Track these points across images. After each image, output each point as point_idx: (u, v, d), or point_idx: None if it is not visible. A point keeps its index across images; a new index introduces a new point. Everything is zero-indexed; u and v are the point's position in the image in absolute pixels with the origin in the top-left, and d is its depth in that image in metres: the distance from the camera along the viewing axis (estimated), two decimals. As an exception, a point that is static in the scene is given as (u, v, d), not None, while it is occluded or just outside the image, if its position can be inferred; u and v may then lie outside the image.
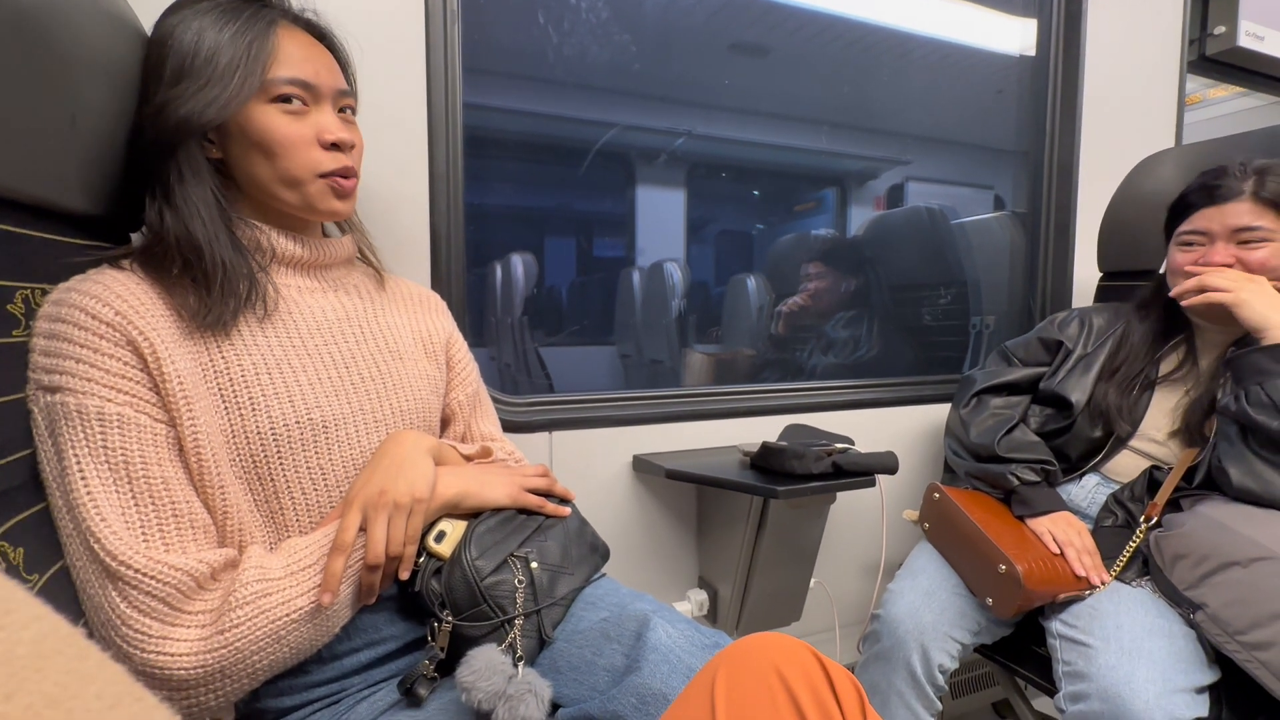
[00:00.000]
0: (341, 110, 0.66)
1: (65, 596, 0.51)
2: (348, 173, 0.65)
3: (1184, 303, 0.92)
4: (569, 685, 0.59)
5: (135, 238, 0.68)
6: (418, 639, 0.65)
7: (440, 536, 0.62)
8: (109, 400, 0.51)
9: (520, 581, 0.62)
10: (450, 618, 0.60)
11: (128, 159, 0.60)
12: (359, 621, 0.63)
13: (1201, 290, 0.89)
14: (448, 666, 0.59)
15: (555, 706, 0.58)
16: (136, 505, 0.51)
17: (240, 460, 0.58)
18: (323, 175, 0.63)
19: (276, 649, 0.54)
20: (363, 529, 0.58)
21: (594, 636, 0.61)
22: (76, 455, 0.50)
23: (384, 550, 0.58)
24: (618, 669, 0.57)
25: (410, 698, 0.59)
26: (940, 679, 0.94)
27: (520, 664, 0.58)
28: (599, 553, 0.74)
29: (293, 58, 0.61)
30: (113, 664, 0.17)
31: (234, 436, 0.57)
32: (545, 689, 0.55)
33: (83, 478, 0.49)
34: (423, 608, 0.62)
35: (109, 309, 0.52)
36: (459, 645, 0.59)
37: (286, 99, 0.61)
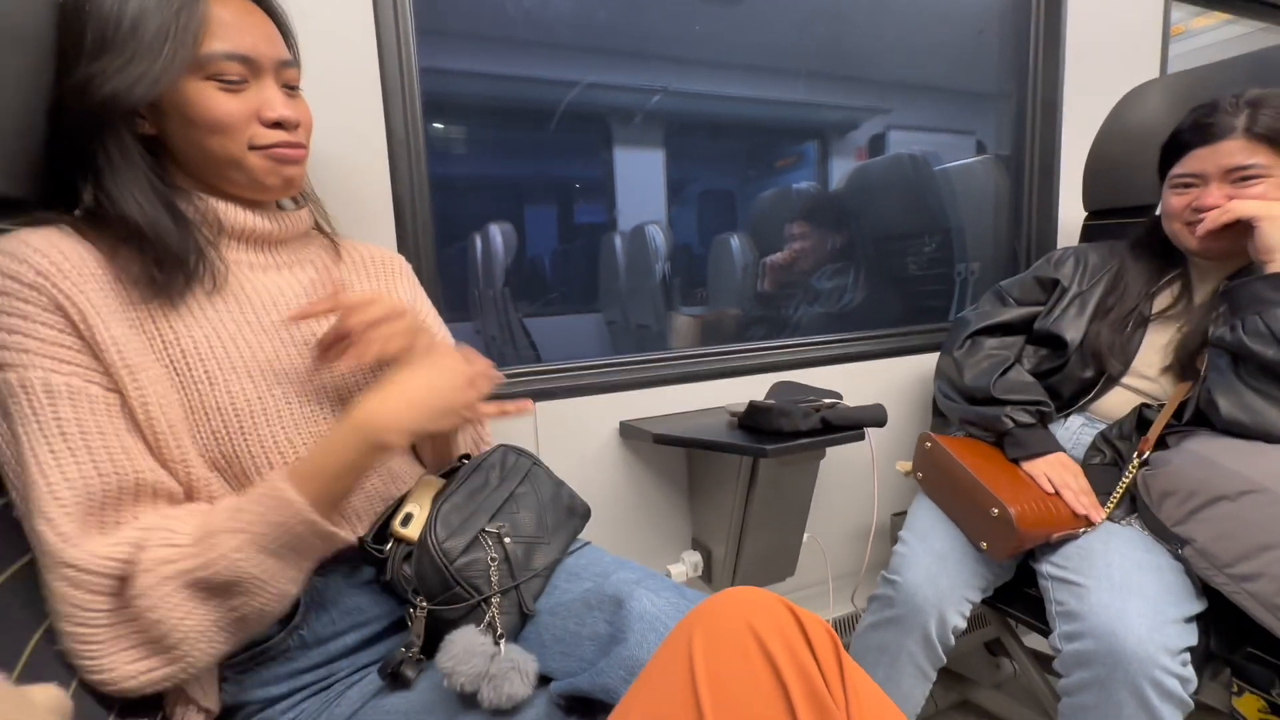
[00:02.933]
0: (285, 85, 0.61)
1: (28, 595, 0.49)
2: (285, 144, 0.60)
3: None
4: (556, 658, 0.58)
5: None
6: (401, 618, 0.64)
7: (407, 519, 0.60)
8: (53, 371, 0.48)
9: (493, 559, 0.60)
10: (424, 604, 0.58)
11: (50, 136, 0.55)
12: (343, 603, 0.61)
13: (1226, 213, 0.86)
14: (436, 646, 0.58)
15: (545, 680, 0.57)
16: (100, 477, 0.48)
17: (203, 437, 0.55)
18: (256, 148, 0.59)
19: (203, 609, 0.50)
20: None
21: (577, 608, 0.60)
22: (28, 434, 0.47)
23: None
24: (602, 637, 0.56)
25: (396, 681, 0.58)
26: (951, 639, 0.94)
27: (502, 641, 0.56)
28: (577, 514, 0.72)
29: (228, 27, 0.56)
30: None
31: (193, 413, 0.55)
32: (530, 663, 0.54)
33: (36, 460, 0.47)
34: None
35: (27, 267, 0.48)
36: (439, 628, 0.58)
37: (225, 74, 0.56)
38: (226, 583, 0.49)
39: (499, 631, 0.57)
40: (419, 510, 0.61)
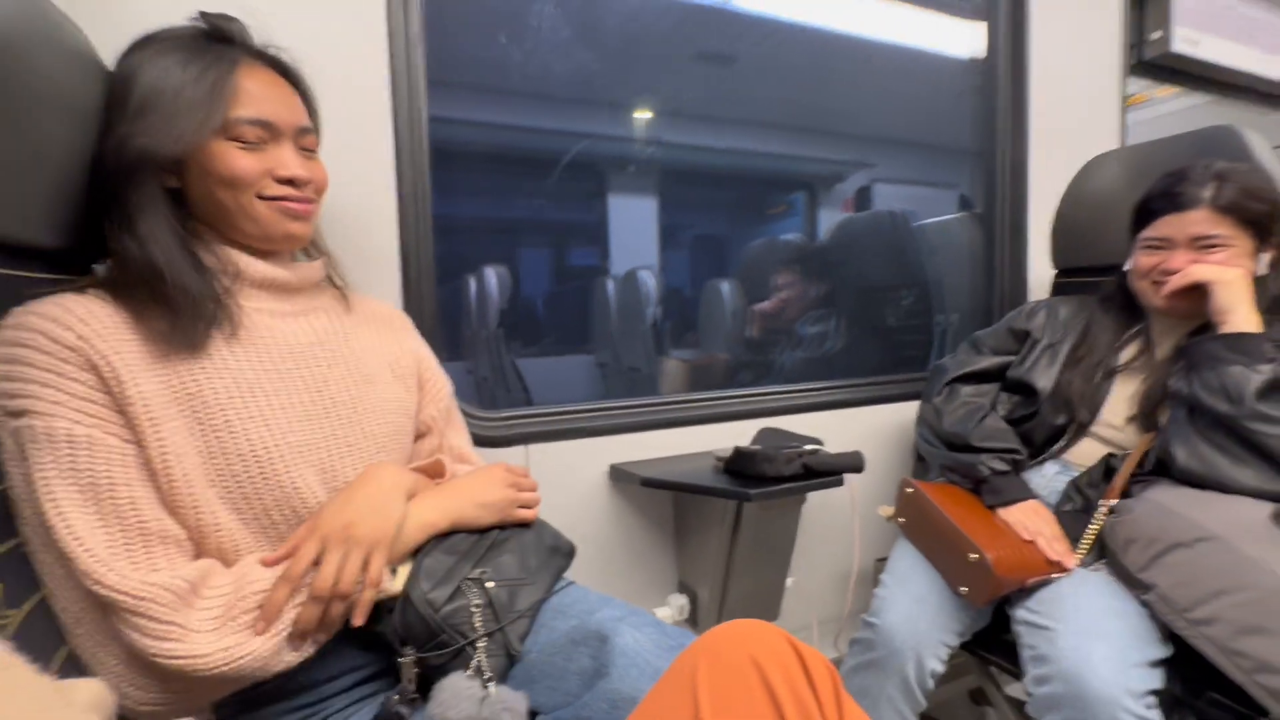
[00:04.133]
0: (303, 149, 0.67)
1: (45, 627, 0.51)
2: (292, 198, 0.65)
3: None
4: (545, 694, 0.60)
5: (100, 270, 0.68)
6: (393, 663, 0.65)
7: (392, 572, 0.62)
8: (77, 422, 0.52)
9: (478, 605, 0.62)
10: (412, 653, 0.59)
11: (89, 189, 0.60)
12: (335, 652, 0.62)
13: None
14: (428, 692, 0.59)
15: (534, 714, 0.59)
16: (104, 525, 0.52)
17: (222, 480, 0.58)
18: (264, 198, 0.63)
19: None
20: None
21: (563, 644, 0.62)
22: (46, 478, 0.50)
23: (331, 585, 0.56)
24: (587, 671, 0.58)
25: None
26: (930, 683, 0.96)
27: (491, 684, 0.58)
28: (561, 552, 0.74)
29: (253, 96, 0.62)
30: (38, 675, 0.19)
31: (212, 457, 0.58)
32: (520, 702, 0.55)
33: (53, 500, 0.50)
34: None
35: (70, 333, 0.53)
36: (430, 675, 0.59)
37: (245, 137, 0.62)
38: None
39: (487, 674, 0.59)
40: (403, 565, 0.63)
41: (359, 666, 0.64)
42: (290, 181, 0.64)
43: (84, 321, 0.54)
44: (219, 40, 0.63)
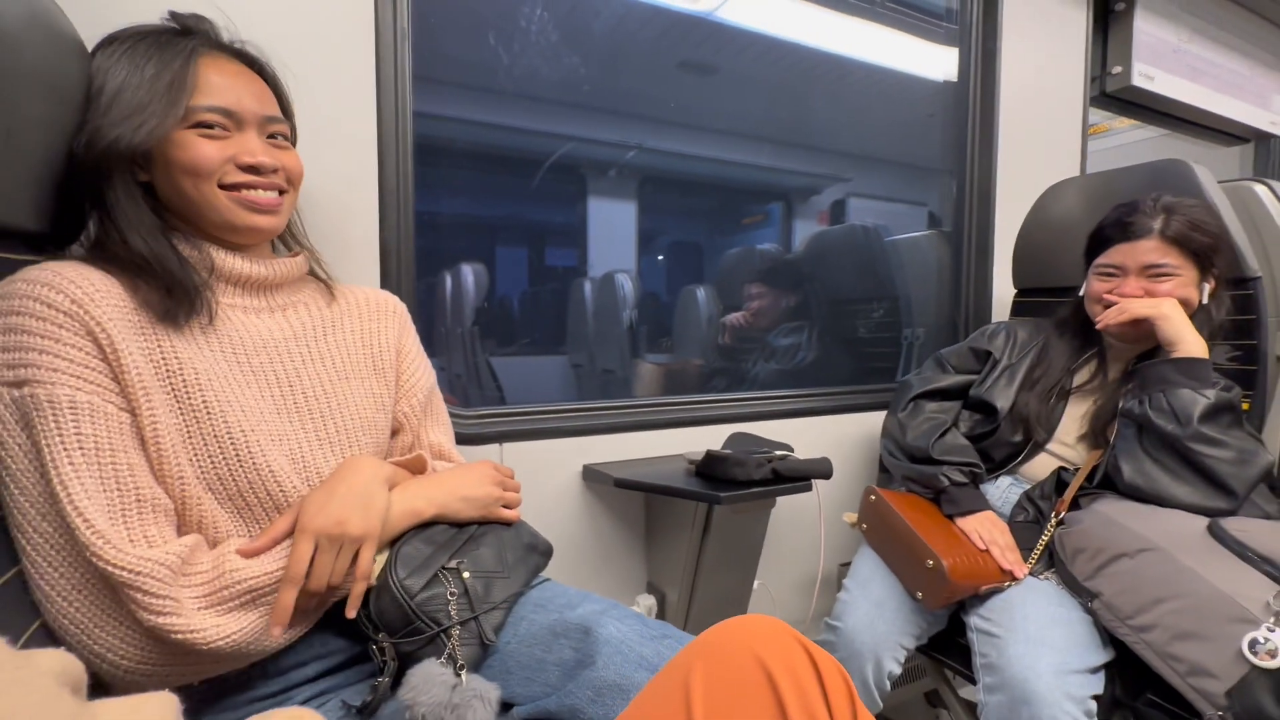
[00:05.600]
0: (271, 136, 0.66)
1: (16, 603, 0.51)
2: (254, 185, 0.65)
3: (1108, 321, 1.00)
4: (521, 684, 0.61)
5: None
6: (365, 650, 0.65)
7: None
8: (78, 389, 0.52)
9: (453, 593, 0.63)
10: (386, 639, 0.60)
11: (66, 176, 0.60)
12: (307, 638, 0.63)
13: (1124, 313, 0.98)
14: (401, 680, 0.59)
15: (509, 706, 0.60)
16: (104, 491, 0.52)
17: (199, 460, 0.59)
18: (225, 187, 0.63)
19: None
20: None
21: (544, 636, 0.63)
22: (50, 447, 0.51)
23: (325, 582, 0.58)
24: (569, 663, 0.59)
25: (364, 713, 0.59)
26: (887, 686, 0.99)
27: (463, 672, 0.58)
28: (539, 550, 0.75)
29: (215, 86, 0.62)
30: None
31: (190, 438, 0.58)
32: (492, 691, 0.56)
33: (56, 469, 0.51)
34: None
35: (64, 296, 0.53)
36: (404, 663, 0.60)
37: (208, 125, 0.62)
38: None
39: (460, 662, 0.60)
40: (380, 553, 0.63)
41: (327, 654, 0.64)
42: (254, 169, 0.64)
43: (77, 285, 0.54)
44: (184, 34, 0.64)
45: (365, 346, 0.76)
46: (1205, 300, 0.99)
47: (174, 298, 0.59)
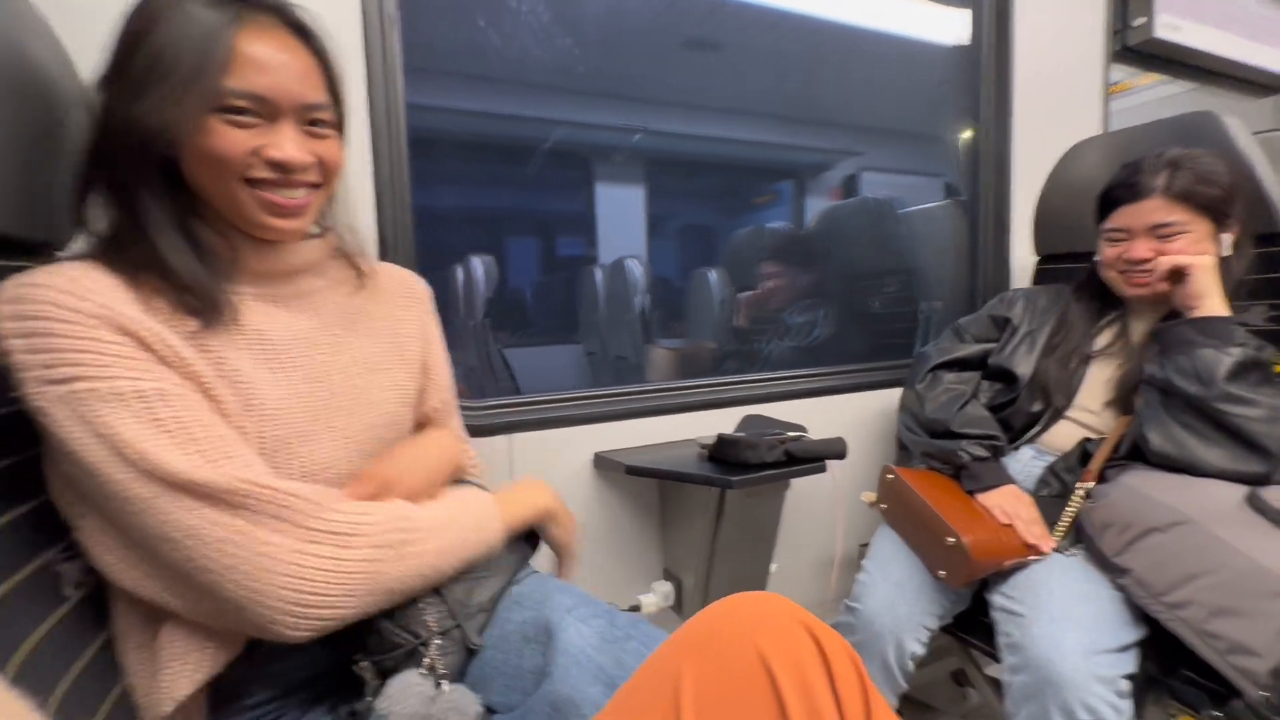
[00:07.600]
0: (312, 123, 0.58)
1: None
2: (280, 184, 0.57)
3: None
4: (500, 692, 0.59)
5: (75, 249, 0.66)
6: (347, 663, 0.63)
7: None
8: (138, 378, 0.49)
9: (429, 601, 0.59)
10: (364, 659, 0.58)
11: (83, 170, 0.56)
12: (291, 653, 0.58)
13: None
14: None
15: (492, 711, 0.58)
16: (212, 464, 0.49)
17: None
18: (248, 181, 0.56)
19: (409, 583, 0.56)
20: None
21: (516, 640, 0.61)
22: (125, 431, 0.47)
23: None
24: (538, 670, 0.57)
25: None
26: (910, 666, 0.97)
27: (444, 682, 0.56)
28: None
29: (252, 62, 0.54)
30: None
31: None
32: (472, 704, 0.54)
33: (141, 447, 0.47)
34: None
35: (87, 302, 0.49)
36: (387, 676, 0.57)
37: (237, 110, 0.54)
38: None
39: (441, 671, 0.57)
40: None
41: (315, 661, 0.62)
42: (281, 166, 0.56)
43: (96, 291, 0.50)
44: None
45: (393, 335, 0.72)
46: (1227, 252, 0.94)
47: (188, 295, 0.54)
